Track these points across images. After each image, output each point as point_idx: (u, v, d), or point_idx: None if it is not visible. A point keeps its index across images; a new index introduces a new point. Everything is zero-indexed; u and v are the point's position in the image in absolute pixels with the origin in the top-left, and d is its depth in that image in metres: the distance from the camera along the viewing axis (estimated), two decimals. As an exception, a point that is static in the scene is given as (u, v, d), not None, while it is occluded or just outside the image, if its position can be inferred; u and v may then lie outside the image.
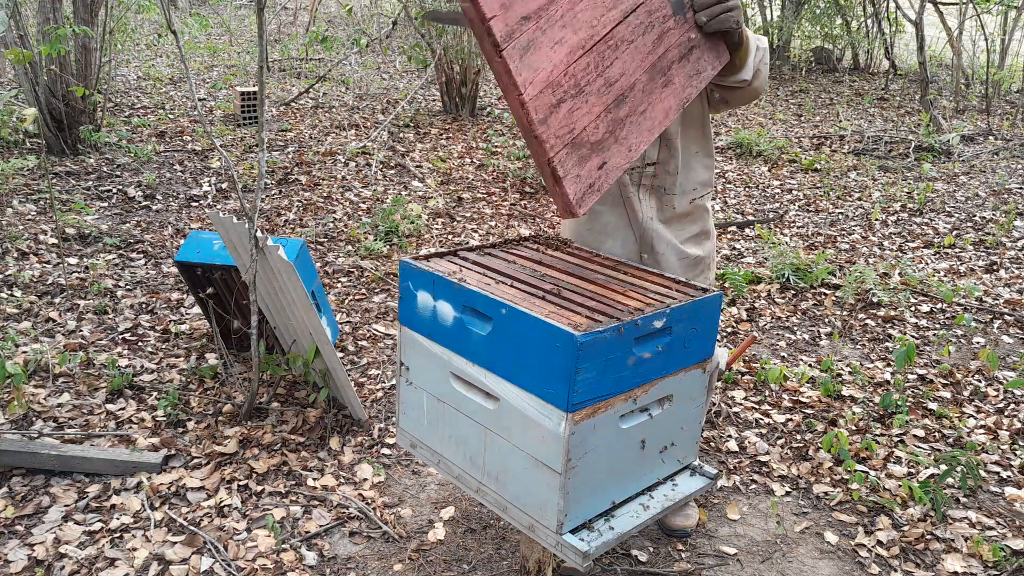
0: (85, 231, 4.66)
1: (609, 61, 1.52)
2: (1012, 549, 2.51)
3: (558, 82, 1.45)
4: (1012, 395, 3.51)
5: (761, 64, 1.96)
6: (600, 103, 1.51)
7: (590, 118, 1.50)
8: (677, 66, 1.63)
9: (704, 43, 1.67)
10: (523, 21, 1.41)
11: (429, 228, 5.28)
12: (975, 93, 10.96)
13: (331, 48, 7.92)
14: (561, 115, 1.46)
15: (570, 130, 1.47)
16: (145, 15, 11.53)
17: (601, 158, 1.52)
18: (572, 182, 1.49)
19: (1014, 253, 5.35)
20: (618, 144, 1.54)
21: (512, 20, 1.40)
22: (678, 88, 1.63)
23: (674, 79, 1.63)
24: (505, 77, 1.41)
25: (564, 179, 1.47)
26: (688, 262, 2.27)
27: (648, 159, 2.18)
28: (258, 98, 2.90)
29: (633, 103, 1.56)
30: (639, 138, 1.57)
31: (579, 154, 1.49)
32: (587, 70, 1.50)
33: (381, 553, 2.41)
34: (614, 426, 1.74)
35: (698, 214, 2.29)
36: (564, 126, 1.46)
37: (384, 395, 3.29)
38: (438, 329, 1.89)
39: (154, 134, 6.82)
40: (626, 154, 1.56)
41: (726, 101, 2.11)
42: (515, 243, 2.21)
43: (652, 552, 2.46)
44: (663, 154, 2.16)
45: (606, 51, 1.52)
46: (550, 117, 1.44)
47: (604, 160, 1.53)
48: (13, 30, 5.38)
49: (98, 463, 2.67)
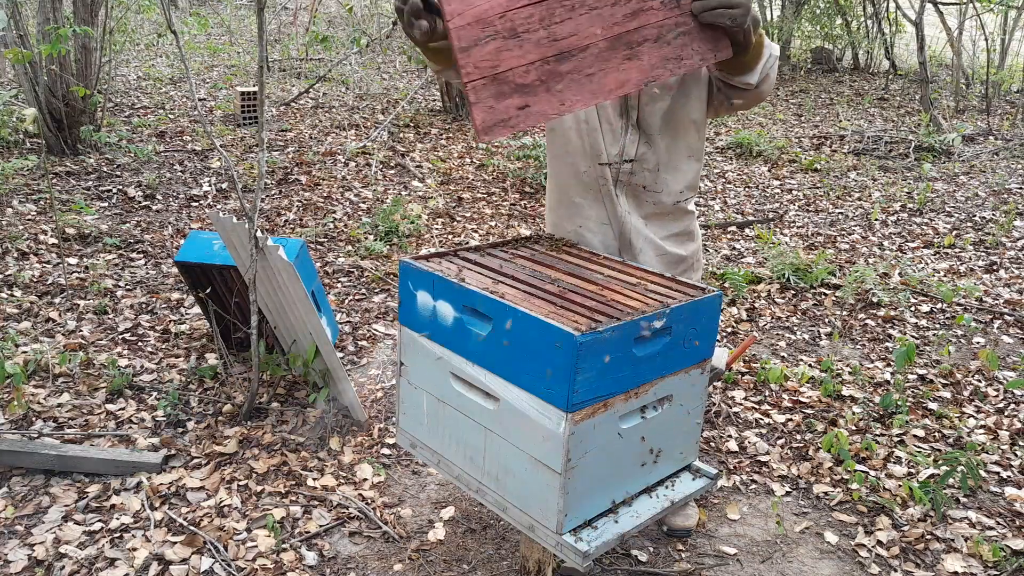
0: (85, 231, 4.66)
1: (560, 19, 1.62)
2: (1012, 549, 2.51)
3: (490, 21, 1.59)
4: (1012, 395, 3.51)
5: (770, 70, 1.94)
6: (536, 52, 1.61)
7: (520, 62, 1.61)
8: (651, 45, 1.66)
9: (699, 33, 1.69)
10: None
11: (429, 228, 5.28)
12: (975, 93, 10.96)
13: (331, 48, 7.93)
14: (487, 50, 1.59)
15: (493, 66, 1.59)
16: (145, 15, 11.53)
17: (524, 100, 1.62)
18: (482, 110, 1.60)
19: (1014, 253, 5.35)
20: (549, 94, 1.63)
21: None
22: (645, 66, 1.66)
23: (642, 56, 1.66)
24: (442, 5, 1.56)
25: (475, 105, 1.60)
26: (668, 259, 2.27)
27: (626, 155, 2.16)
28: (258, 98, 2.90)
29: (580, 63, 1.64)
30: (577, 96, 1.64)
31: (498, 89, 1.60)
32: (529, 20, 1.61)
33: (381, 553, 2.41)
34: (614, 426, 1.74)
35: (680, 215, 2.28)
36: (487, 60, 1.59)
37: (384, 395, 3.29)
38: (438, 329, 1.89)
39: (154, 134, 6.82)
40: (557, 106, 1.63)
41: (731, 103, 2.09)
42: (515, 243, 2.21)
43: (652, 552, 2.46)
44: (642, 150, 2.15)
45: (559, 9, 1.62)
46: (473, 48, 1.57)
47: (527, 103, 1.62)
48: (13, 30, 5.38)
49: (98, 463, 2.67)
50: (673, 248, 2.29)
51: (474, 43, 1.58)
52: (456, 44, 1.57)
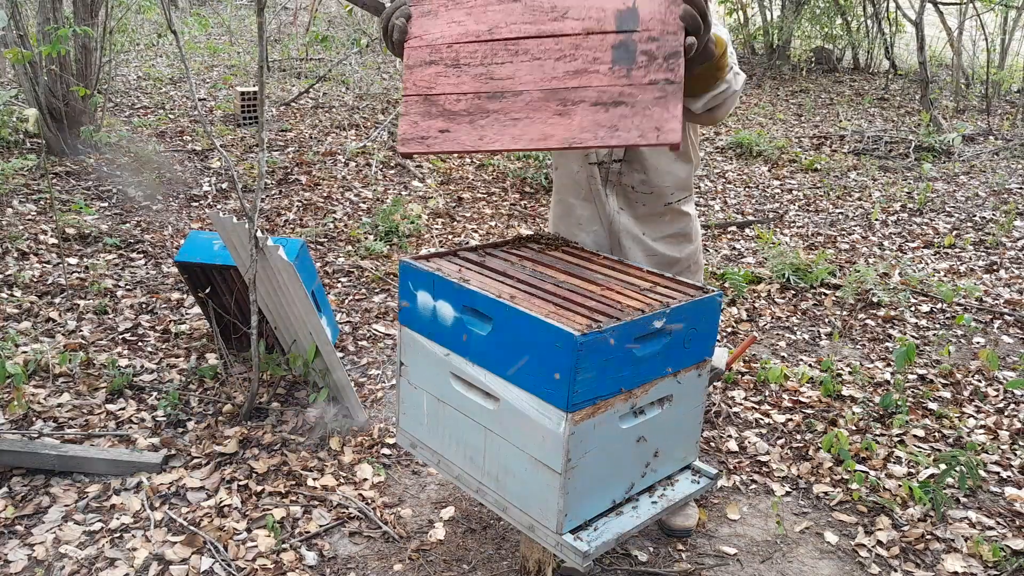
0: (85, 231, 4.66)
1: (500, 60, 1.68)
2: (1012, 549, 2.51)
3: (438, 48, 1.72)
4: (1012, 395, 3.51)
5: (720, 104, 1.86)
6: (471, 85, 1.69)
7: (454, 90, 1.69)
8: (587, 107, 1.63)
9: (646, 110, 1.61)
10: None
11: (429, 228, 5.28)
12: (975, 93, 10.96)
13: (331, 48, 7.92)
14: (428, 73, 1.71)
15: (428, 87, 1.70)
16: (145, 15, 11.52)
17: (447, 125, 1.69)
18: (406, 123, 1.70)
19: (1014, 253, 5.35)
20: (471, 127, 1.67)
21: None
22: (573, 126, 1.63)
23: (574, 116, 1.64)
24: (409, 27, 1.74)
25: (402, 117, 1.71)
26: (658, 260, 2.27)
27: (615, 155, 2.18)
28: (258, 98, 2.90)
29: (509, 106, 1.67)
30: (497, 136, 1.66)
31: (427, 109, 1.70)
32: (472, 55, 1.70)
33: (381, 553, 2.41)
34: (614, 426, 1.74)
35: (674, 216, 2.28)
36: (425, 81, 1.71)
37: (384, 395, 3.29)
38: (438, 329, 1.89)
39: (154, 134, 6.82)
40: (476, 140, 1.67)
41: (709, 111, 1.95)
42: (515, 243, 2.21)
43: (652, 552, 2.46)
44: (629, 153, 2.17)
45: (501, 51, 1.69)
46: (416, 68, 1.71)
47: (448, 128, 1.68)
48: (13, 30, 5.38)
49: (98, 463, 2.67)
50: (665, 250, 2.29)
51: (419, 63, 1.72)
52: (404, 62, 1.73)
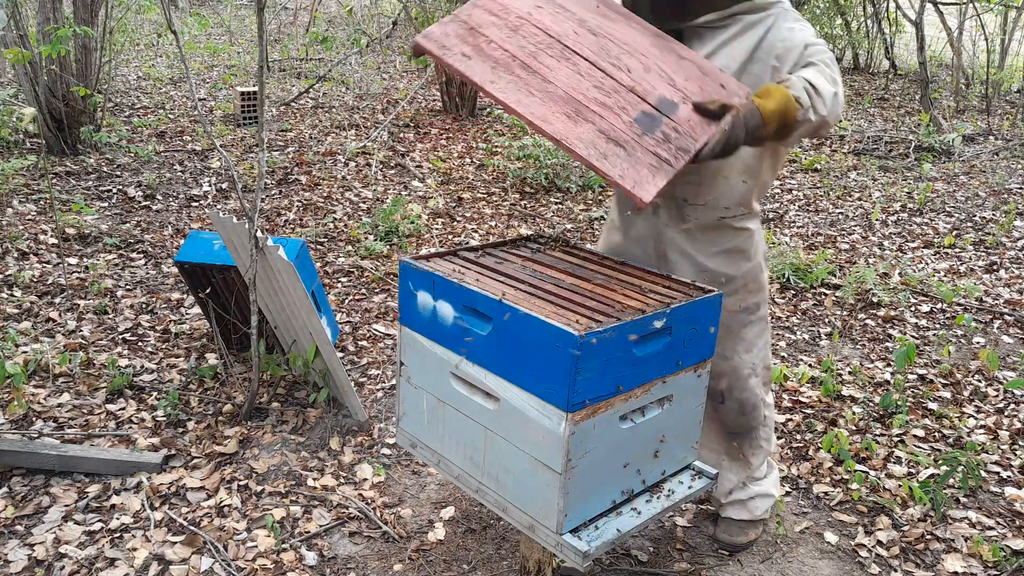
0: (85, 231, 4.66)
1: (551, 54, 1.83)
2: (1012, 549, 2.51)
3: (508, 11, 1.87)
4: (1012, 395, 3.52)
5: (809, 131, 1.91)
6: (515, 49, 1.81)
7: (499, 40, 1.82)
8: (593, 129, 1.73)
9: (635, 162, 1.71)
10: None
11: (429, 228, 5.28)
12: (975, 93, 10.96)
13: (331, 48, 7.92)
14: (486, 19, 1.84)
15: (479, 24, 1.83)
16: (145, 15, 11.53)
17: (473, 54, 1.80)
18: (439, 28, 1.80)
19: (1014, 253, 5.35)
20: (491, 71, 1.77)
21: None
22: (574, 131, 1.71)
23: (579, 126, 1.72)
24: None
25: (440, 23, 1.81)
26: (708, 277, 2.17)
27: None
28: (258, 98, 2.90)
29: (533, 82, 1.77)
30: (506, 90, 1.74)
31: (465, 35, 1.80)
32: (533, 35, 1.84)
33: (381, 553, 2.41)
34: (614, 426, 1.74)
35: (730, 232, 2.16)
36: (479, 21, 1.84)
37: (384, 395, 3.29)
38: (438, 329, 1.89)
39: (154, 134, 6.82)
40: (487, 80, 1.75)
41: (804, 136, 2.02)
42: (515, 243, 2.21)
43: (652, 552, 2.46)
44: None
45: (557, 50, 1.84)
46: (480, 9, 1.88)
47: (471, 57, 1.79)
48: (13, 30, 5.38)
49: (98, 463, 2.67)
50: (718, 266, 2.18)
51: (484, 10, 1.83)
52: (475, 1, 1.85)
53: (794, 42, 1.99)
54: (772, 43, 2.00)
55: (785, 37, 2.00)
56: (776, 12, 2.03)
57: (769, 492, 2.47)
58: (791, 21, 2.02)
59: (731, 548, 2.49)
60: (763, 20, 2.02)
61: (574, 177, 6.19)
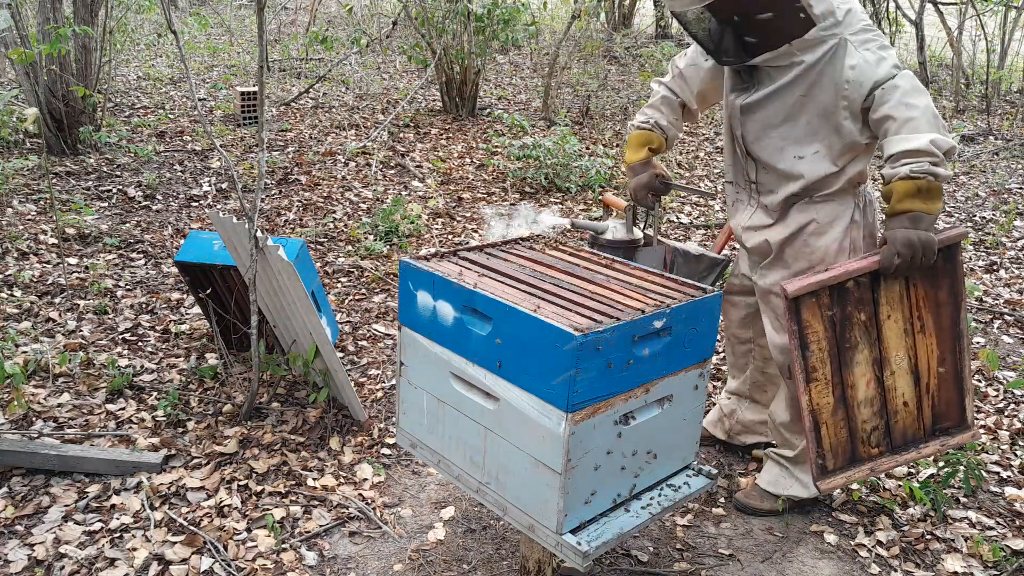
0: (85, 231, 4.66)
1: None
2: (1012, 549, 2.51)
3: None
4: (1012, 395, 3.51)
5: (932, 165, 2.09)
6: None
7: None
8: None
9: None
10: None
11: (429, 228, 5.28)
12: (975, 93, 10.96)
13: (331, 48, 7.92)
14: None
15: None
16: (145, 15, 11.52)
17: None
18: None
19: (1014, 253, 5.35)
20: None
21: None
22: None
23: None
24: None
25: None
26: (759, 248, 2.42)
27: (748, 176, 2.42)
28: (258, 98, 2.90)
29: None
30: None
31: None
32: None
33: (381, 553, 2.41)
34: (614, 426, 1.74)
35: (792, 212, 2.35)
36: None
37: (384, 395, 3.29)
38: (438, 329, 1.89)
39: (154, 134, 6.82)
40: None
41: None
42: (515, 243, 2.21)
43: (652, 552, 2.46)
44: (756, 128, 2.35)
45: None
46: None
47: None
48: (13, 30, 5.38)
49: (98, 463, 2.67)
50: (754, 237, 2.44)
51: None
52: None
53: (863, 79, 2.14)
54: (835, 80, 2.16)
55: (849, 78, 2.15)
56: (834, 44, 2.15)
57: (805, 486, 2.59)
58: (853, 56, 2.15)
59: (742, 508, 2.65)
60: (820, 59, 2.16)
61: (574, 177, 6.19)
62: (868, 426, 2.34)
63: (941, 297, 2.30)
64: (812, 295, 2.18)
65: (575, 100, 8.88)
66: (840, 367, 2.27)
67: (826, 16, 2.12)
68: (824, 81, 2.16)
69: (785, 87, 2.21)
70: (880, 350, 2.30)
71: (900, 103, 2.08)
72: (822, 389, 2.26)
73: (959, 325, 2.33)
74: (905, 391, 2.35)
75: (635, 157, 2.54)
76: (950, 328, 2.32)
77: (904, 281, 2.25)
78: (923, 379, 2.36)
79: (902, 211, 2.10)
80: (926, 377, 2.36)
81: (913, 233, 2.09)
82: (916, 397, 2.37)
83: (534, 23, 9.27)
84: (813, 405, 2.26)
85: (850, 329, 2.25)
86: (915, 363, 2.34)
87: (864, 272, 2.20)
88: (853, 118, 2.18)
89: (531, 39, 10.05)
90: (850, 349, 2.27)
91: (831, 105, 2.18)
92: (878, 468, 2.38)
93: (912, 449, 2.41)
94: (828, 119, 2.20)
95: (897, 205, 2.10)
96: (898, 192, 2.08)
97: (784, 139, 2.27)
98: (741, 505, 2.66)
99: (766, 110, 2.27)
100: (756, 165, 2.37)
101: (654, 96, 2.59)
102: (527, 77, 10.47)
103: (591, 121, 8.19)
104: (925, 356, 2.34)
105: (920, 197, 2.07)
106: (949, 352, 2.35)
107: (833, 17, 2.13)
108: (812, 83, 2.18)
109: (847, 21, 2.15)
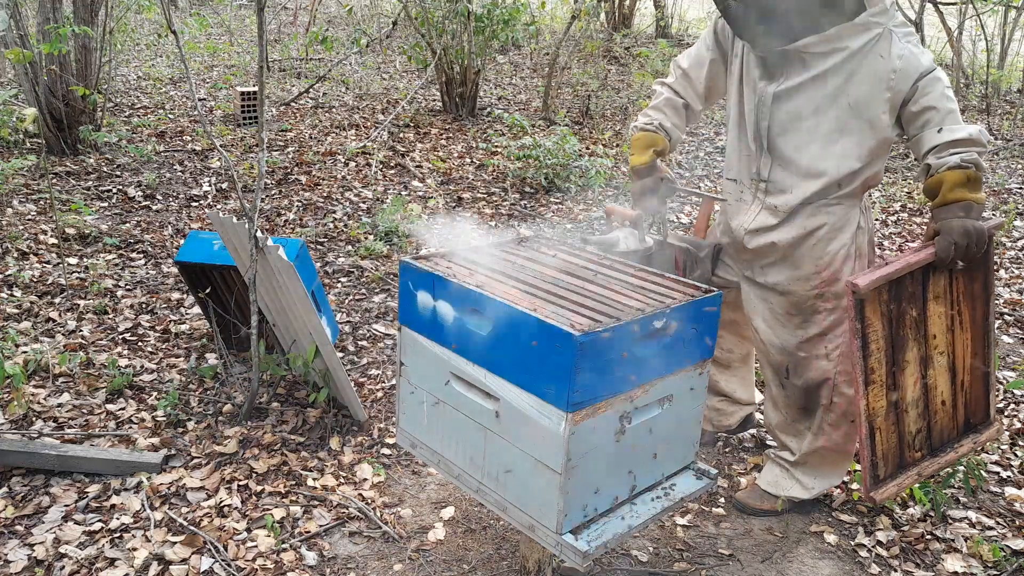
0: (85, 231, 4.66)
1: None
2: (1012, 549, 2.51)
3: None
4: (1012, 395, 3.52)
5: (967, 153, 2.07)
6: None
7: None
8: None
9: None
10: None
11: (429, 228, 5.28)
12: (975, 93, 10.96)
13: (331, 48, 7.91)
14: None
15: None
16: (145, 15, 11.52)
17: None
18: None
19: (1014, 253, 5.35)
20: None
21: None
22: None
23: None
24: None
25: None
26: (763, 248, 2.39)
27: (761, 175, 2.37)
28: (258, 98, 2.90)
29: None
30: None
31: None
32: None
33: (381, 553, 2.41)
34: (614, 426, 1.74)
35: (805, 215, 2.32)
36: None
37: (384, 395, 3.29)
38: (438, 329, 1.89)
39: (154, 134, 6.82)
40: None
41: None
42: (515, 243, 2.21)
43: (652, 552, 2.46)
44: (773, 126, 2.31)
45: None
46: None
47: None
48: (13, 30, 5.38)
49: (98, 463, 2.67)
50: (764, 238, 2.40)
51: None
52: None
53: (910, 70, 2.11)
54: (878, 70, 2.12)
55: (896, 68, 2.11)
56: (878, 33, 2.11)
57: (805, 487, 2.60)
58: (899, 46, 2.12)
59: (742, 508, 2.65)
60: (864, 46, 2.11)
61: (574, 177, 6.19)
62: (914, 428, 2.26)
63: (976, 290, 2.23)
64: (875, 291, 2.08)
65: (575, 100, 8.88)
66: (892, 367, 2.17)
67: (875, 2, 2.08)
68: (864, 71, 2.12)
69: (822, 75, 2.15)
70: (926, 347, 2.21)
71: (943, 95, 2.07)
72: (878, 392, 2.14)
73: (988, 319, 2.27)
74: (944, 389, 2.27)
75: (640, 160, 2.49)
76: (981, 322, 2.27)
77: (948, 274, 2.19)
78: (959, 376, 2.29)
79: (953, 200, 2.06)
80: (961, 374, 2.29)
81: (969, 222, 2.05)
82: (952, 395, 2.29)
83: (534, 23, 9.26)
84: (869, 410, 2.14)
85: (902, 327, 2.15)
86: (952, 360, 2.26)
87: (922, 265, 2.12)
88: (891, 111, 2.14)
89: (531, 39, 10.04)
90: (901, 348, 2.17)
91: (867, 97, 2.13)
92: (924, 473, 2.30)
93: (949, 450, 2.34)
94: (860, 113, 2.16)
95: (948, 194, 2.06)
96: (948, 181, 2.05)
97: (811, 133, 2.23)
98: (741, 505, 2.66)
99: (798, 99, 2.21)
100: (772, 161, 2.32)
101: (657, 97, 2.55)
102: (527, 77, 10.47)
103: (591, 121, 8.19)
104: (961, 352, 2.27)
105: (969, 186, 2.05)
106: (981, 347, 2.29)
107: (882, 4, 2.10)
108: (851, 72, 2.13)
109: (892, 12, 2.13)
